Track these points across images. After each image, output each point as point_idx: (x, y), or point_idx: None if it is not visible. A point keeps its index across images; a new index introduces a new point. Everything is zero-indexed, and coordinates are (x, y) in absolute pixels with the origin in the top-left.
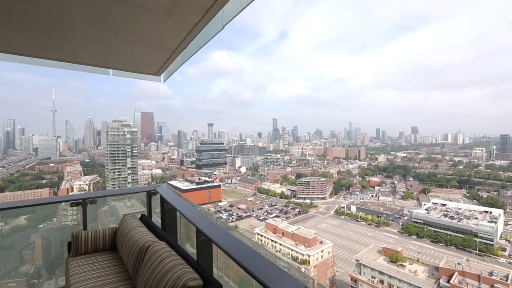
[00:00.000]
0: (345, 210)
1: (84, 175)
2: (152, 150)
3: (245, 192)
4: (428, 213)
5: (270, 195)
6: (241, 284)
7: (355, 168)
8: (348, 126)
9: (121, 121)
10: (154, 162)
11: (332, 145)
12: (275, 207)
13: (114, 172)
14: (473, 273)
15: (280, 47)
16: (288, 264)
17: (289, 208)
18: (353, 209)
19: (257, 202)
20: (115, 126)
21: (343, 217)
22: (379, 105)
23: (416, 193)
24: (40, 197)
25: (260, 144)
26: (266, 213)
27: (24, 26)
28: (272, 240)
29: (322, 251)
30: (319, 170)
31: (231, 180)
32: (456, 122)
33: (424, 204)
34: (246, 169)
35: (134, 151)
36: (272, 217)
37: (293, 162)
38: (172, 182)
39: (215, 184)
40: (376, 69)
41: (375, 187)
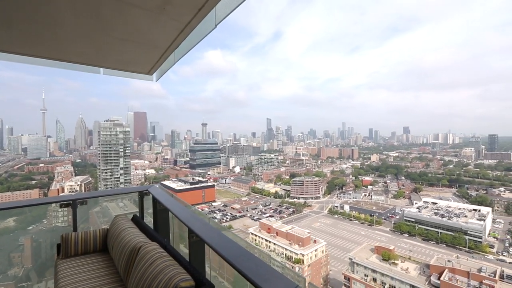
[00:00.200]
0: (339, 209)
1: (75, 175)
2: (145, 150)
3: (239, 192)
4: (419, 211)
5: (264, 195)
6: (235, 284)
7: (348, 167)
8: (341, 126)
9: (113, 121)
10: (147, 162)
11: (326, 145)
12: (269, 206)
13: (106, 172)
14: (463, 270)
15: (274, 47)
16: (281, 264)
17: (283, 207)
18: (347, 208)
19: (251, 202)
20: (107, 126)
21: (336, 216)
22: (372, 105)
23: (408, 192)
24: (29, 198)
25: (254, 144)
26: (260, 213)
27: (11, 23)
28: (266, 240)
29: (316, 250)
30: (313, 169)
31: (225, 180)
32: (447, 122)
33: (416, 203)
34: (240, 169)
35: (126, 151)
36: (266, 217)
37: (287, 162)
38: (165, 182)
39: (209, 184)
40: (369, 70)
41: (368, 187)
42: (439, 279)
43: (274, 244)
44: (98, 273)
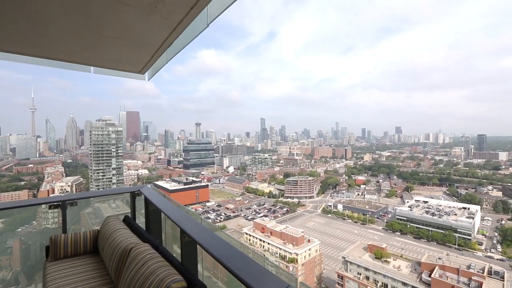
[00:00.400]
0: (332, 208)
1: (66, 176)
2: (138, 150)
3: (233, 192)
4: (411, 210)
5: (258, 195)
6: (229, 284)
7: (341, 167)
8: (335, 126)
9: (105, 120)
10: (140, 162)
11: (319, 144)
12: (263, 206)
13: (98, 173)
14: (453, 267)
15: (268, 47)
16: (274, 264)
17: (277, 207)
18: (340, 207)
19: (245, 202)
20: (99, 126)
21: (330, 215)
22: (365, 105)
23: (399, 191)
24: (18, 200)
25: (248, 144)
26: (254, 213)
27: None
28: (261, 240)
29: (309, 249)
30: (307, 169)
31: (219, 180)
32: (438, 122)
33: (407, 202)
34: (234, 168)
35: (119, 151)
36: (260, 217)
37: (281, 161)
38: (159, 182)
39: (203, 184)
40: (362, 70)
41: (361, 186)
42: (430, 276)
43: (268, 243)
44: (88, 275)
